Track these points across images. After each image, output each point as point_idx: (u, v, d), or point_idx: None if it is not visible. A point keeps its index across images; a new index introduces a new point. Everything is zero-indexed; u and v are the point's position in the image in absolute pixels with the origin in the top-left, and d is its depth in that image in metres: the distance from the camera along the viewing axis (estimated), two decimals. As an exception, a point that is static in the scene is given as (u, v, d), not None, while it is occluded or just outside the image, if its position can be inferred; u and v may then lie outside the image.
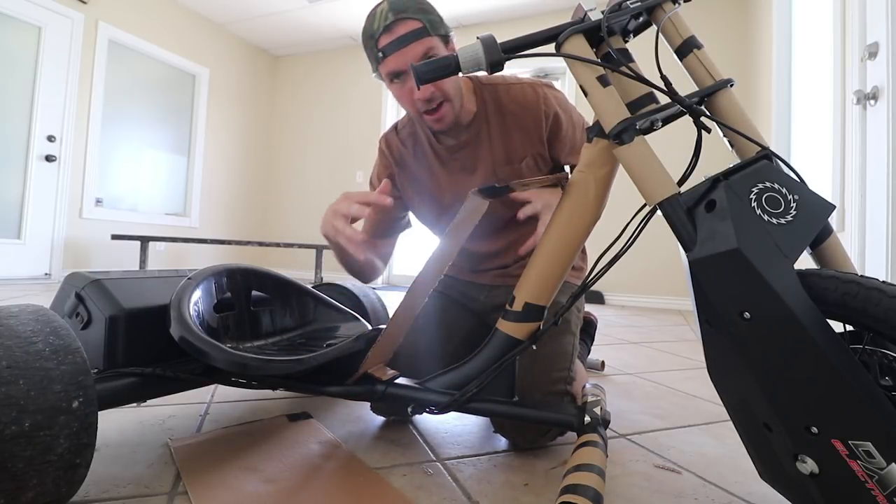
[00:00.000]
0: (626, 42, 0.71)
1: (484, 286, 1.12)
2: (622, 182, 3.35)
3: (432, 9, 0.91)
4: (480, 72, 0.93)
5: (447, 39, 0.91)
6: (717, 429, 1.03)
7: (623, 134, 0.61)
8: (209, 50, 4.79)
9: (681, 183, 0.63)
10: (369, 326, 0.98)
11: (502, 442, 0.91)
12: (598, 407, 0.77)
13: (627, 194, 3.46)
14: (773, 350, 0.50)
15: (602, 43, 0.68)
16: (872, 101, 1.62)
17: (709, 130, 0.64)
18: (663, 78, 0.64)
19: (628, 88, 0.66)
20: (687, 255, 0.56)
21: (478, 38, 0.65)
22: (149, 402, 1.03)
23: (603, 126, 0.63)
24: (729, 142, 0.65)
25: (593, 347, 1.95)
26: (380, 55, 0.88)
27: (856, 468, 0.48)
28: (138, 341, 0.77)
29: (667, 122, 0.66)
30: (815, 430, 0.50)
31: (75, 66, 3.73)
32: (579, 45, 0.65)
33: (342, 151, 5.13)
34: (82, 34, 3.78)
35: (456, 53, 0.66)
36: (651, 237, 3.71)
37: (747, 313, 0.51)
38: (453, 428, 0.97)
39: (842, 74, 1.94)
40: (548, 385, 0.86)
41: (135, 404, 1.00)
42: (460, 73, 0.67)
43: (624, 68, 0.64)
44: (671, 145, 3.49)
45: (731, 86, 0.64)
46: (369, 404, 1.01)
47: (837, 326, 0.52)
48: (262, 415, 1.00)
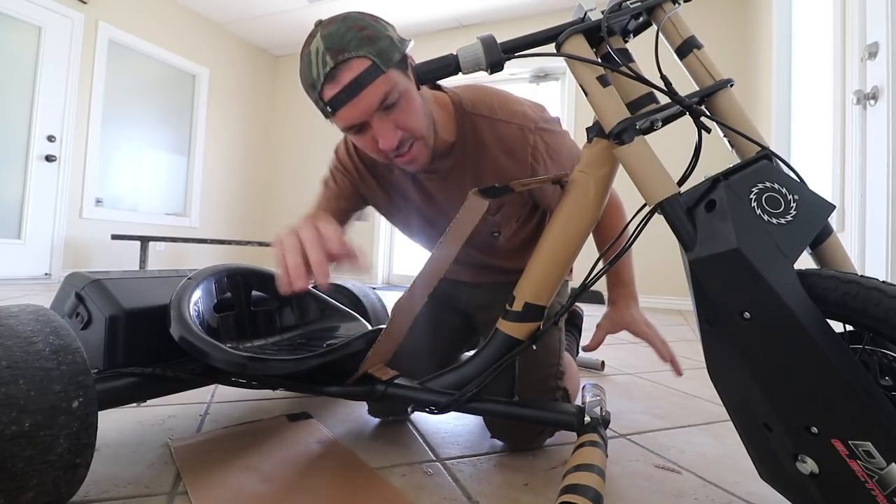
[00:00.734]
0: (626, 42, 0.70)
1: (465, 284, 1.09)
2: (622, 182, 3.33)
3: (379, 32, 0.72)
4: (468, 93, 0.87)
5: (405, 65, 0.75)
6: (717, 429, 1.03)
7: (623, 134, 0.61)
8: (209, 50, 4.79)
9: (681, 183, 0.63)
10: (369, 326, 0.98)
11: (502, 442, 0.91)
12: (598, 407, 0.77)
13: (627, 194, 3.44)
14: (773, 350, 0.50)
15: (602, 43, 0.68)
16: (872, 101, 1.62)
17: (709, 130, 0.64)
18: (663, 78, 0.64)
19: (628, 88, 0.65)
20: (687, 255, 0.56)
21: (478, 38, 0.65)
22: (149, 402, 1.03)
23: (603, 126, 0.63)
24: (729, 142, 0.65)
25: (593, 347, 1.95)
26: (328, 110, 0.73)
27: (856, 468, 0.48)
28: (138, 341, 0.77)
29: (667, 122, 0.66)
30: (814, 430, 0.50)
31: (75, 66, 3.73)
32: (579, 45, 0.65)
33: (342, 151, 5.13)
34: (82, 34, 3.78)
35: (456, 53, 0.66)
36: (651, 237, 3.71)
37: (747, 313, 0.51)
38: (453, 428, 0.97)
39: (842, 74, 1.94)
40: (538, 382, 0.86)
41: (135, 404, 1.00)
42: (461, 74, 0.67)
43: (624, 68, 0.64)
44: (671, 145, 3.49)
45: (731, 86, 0.64)
46: (367, 406, 1.01)
47: (837, 326, 0.52)
48: (262, 415, 1.00)
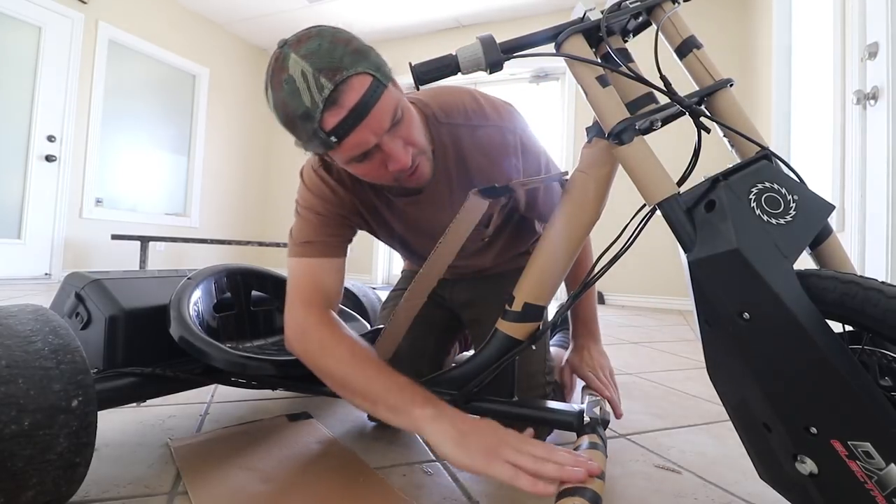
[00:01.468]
0: (625, 42, 0.71)
1: (447, 281, 1.05)
2: (622, 182, 3.33)
3: (362, 43, 0.65)
4: (436, 101, 0.79)
5: (393, 81, 0.68)
6: (717, 429, 1.03)
7: (622, 134, 0.61)
8: (209, 50, 4.79)
9: (680, 183, 0.63)
10: (369, 326, 0.98)
11: (502, 442, 0.91)
12: (598, 407, 0.77)
13: (627, 194, 3.45)
14: (773, 350, 0.50)
15: (601, 43, 0.68)
16: (872, 101, 1.62)
17: (708, 130, 0.64)
18: (663, 78, 0.64)
19: (628, 88, 0.65)
20: (686, 256, 0.56)
21: (477, 38, 0.65)
22: (149, 402, 1.03)
23: (602, 126, 0.63)
24: (729, 142, 0.65)
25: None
26: (332, 141, 0.63)
27: (855, 468, 0.48)
28: (138, 341, 0.77)
29: (666, 122, 0.66)
30: (814, 430, 0.50)
31: (75, 66, 3.73)
32: (579, 45, 0.65)
33: (342, 151, 5.13)
34: (82, 34, 3.78)
35: (455, 53, 0.65)
36: (651, 237, 3.71)
37: (747, 314, 0.51)
38: (453, 428, 0.97)
39: (842, 74, 1.94)
40: (527, 379, 0.87)
41: (135, 404, 1.00)
42: (460, 74, 0.66)
43: (623, 68, 0.64)
44: (671, 145, 3.49)
45: (731, 86, 0.64)
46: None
47: (837, 327, 0.52)
48: (262, 415, 1.00)
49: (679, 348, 2.03)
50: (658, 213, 0.60)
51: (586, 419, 0.73)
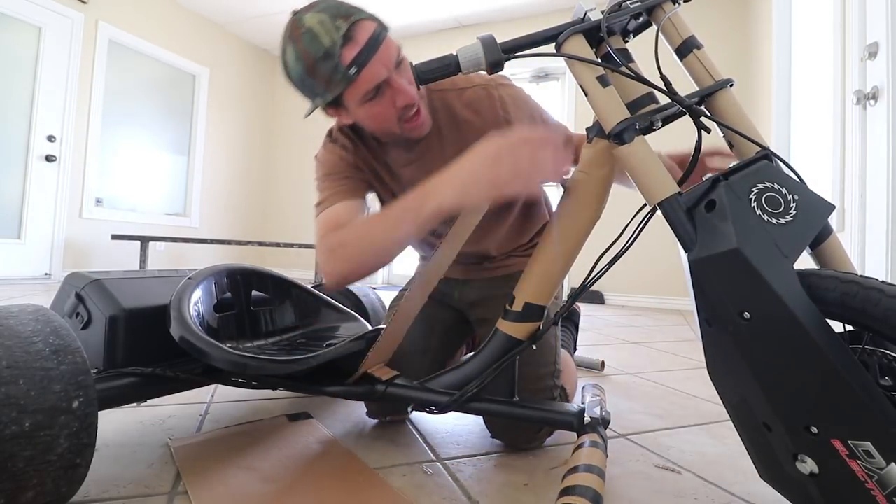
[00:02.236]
0: (625, 42, 0.71)
1: (456, 281, 1.08)
2: (622, 182, 3.33)
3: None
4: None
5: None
6: (717, 429, 1.03)
7: (623, 134, 0.61)
8: (209, 50, 4.79)
9: (681, 183, 0.63)
10: (369, 326, 0.98)
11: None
12: (598, 407, 0.77)
13: (627, 194, 3.44)
14: (773, 350, 0.50)
15: (602, 43, 0.68)
16: (872, 101, 1.62)
17: (709, 130, 0.64)
18: (663, 78, 0.64)
19: (628, 88, 0.65)
20: (687, 255, 0.56)
21: (477, 39, 0.65)
22: (149, 402, 1.03)
23: (603, 126, 0.63)
24: (729, 142, 0.65)
25: (593, 347, 1.95)
26: (351, 73, 0.72)
27: (855, 468, 0.48)
28: (138, 341, 0.77)
29: (666, 122, 0.66)
30: (814, 430, 0.50)
31: (75, 66, 3.73)
32: (579, 46, 0.65)
33: (342, 151, 5.13)
34: (82, 34, 3.78)
35: (456, 54, 0.66)
36: (651, 237, 3.71)
37: (747, 313, 0.51)
38: (453, 428, 0.97)
39: (842, 74, 1.94)
40: (535, 381, 0.86)
41: (135, 404, 1.00)
42: (460, 73, 0.67)
43: (624, 68, 0.64)
44: (671, 145, 3.49)
45: (731, 86, 0.64)
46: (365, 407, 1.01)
47: (837, 326, 0.52)
48: (262, 415, 1.00)
49: (679, 348, 2.03)
50: (658, 212, 0.60)
51: (586, 419, 0.73)
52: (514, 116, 0.90)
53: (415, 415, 1.03)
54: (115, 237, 3.35)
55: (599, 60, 0.64)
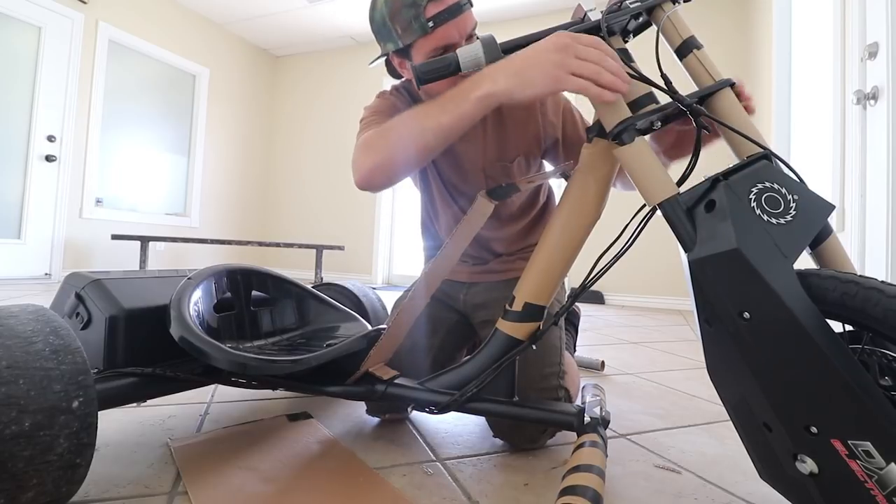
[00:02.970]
0: (625, 42, 0.71)
1: (462, 284, 1.09)
2: (622, 182, 3.33)
3: None
4: None
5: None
6: (717, 429, 1.03)
7: (623, 134, 0.61)
8: (209, 50, 4.79)
9: (680, 183, 0.63)
10: (369, 326, 0.98)
11: (502, 442, 0.91)
12: (598, 407, 0.77)
13: (627, 194, 3.44)
14: (773, 350, 0.50)
15: (602, 43, 0.68)
16: (872, 101, 1.62)
17: (709, 130, 0.64)
18: (663, 77, 0.64)
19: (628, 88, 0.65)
20: (687, 256, 0.56)
21: (478, 38, 0.65)
22: (149, 402, 1.03)
23: (603, 126, 0.63)
24: (729, 142, 0.65)
25: (593, 347, 1.95)
26: (428, 25, 0.77)
27: (855, 468, 0.48)
28: (138, 341, 0.77)
29: (666, 122, 0.66)
30: (814, 429, 0.50)
31: (75, 66, 3.73)
32: (579, 46, 0.65)
33: (342, 151, 5.13)
34: (82, 34, 3.78)
35: (456, 53, 0.66)
36: (651, 237, 3.71)
37: (747, 313, 0.51)
38: (453, 428, 0.97)
39: (842, 74, 1.94)
40: (540, 381, 0.86)
41: (135, 404, 1.00)
42: (460, 73, 0.67)
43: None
44: (671, 145, 3.49)
45: (732, 86, 0.64)
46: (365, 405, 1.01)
47: (837, 326, 0.52)
48: (262, 415, 1.00)
49: (679, 348, 2.03)
50: (658, 213, 0.60)
51: (587, 419, 0.73)
52: (551, 109, 0.98)
53: (415, 415, 1.03)
54: (115, 237, 3.35)
55: (599, 60, 0.64)
